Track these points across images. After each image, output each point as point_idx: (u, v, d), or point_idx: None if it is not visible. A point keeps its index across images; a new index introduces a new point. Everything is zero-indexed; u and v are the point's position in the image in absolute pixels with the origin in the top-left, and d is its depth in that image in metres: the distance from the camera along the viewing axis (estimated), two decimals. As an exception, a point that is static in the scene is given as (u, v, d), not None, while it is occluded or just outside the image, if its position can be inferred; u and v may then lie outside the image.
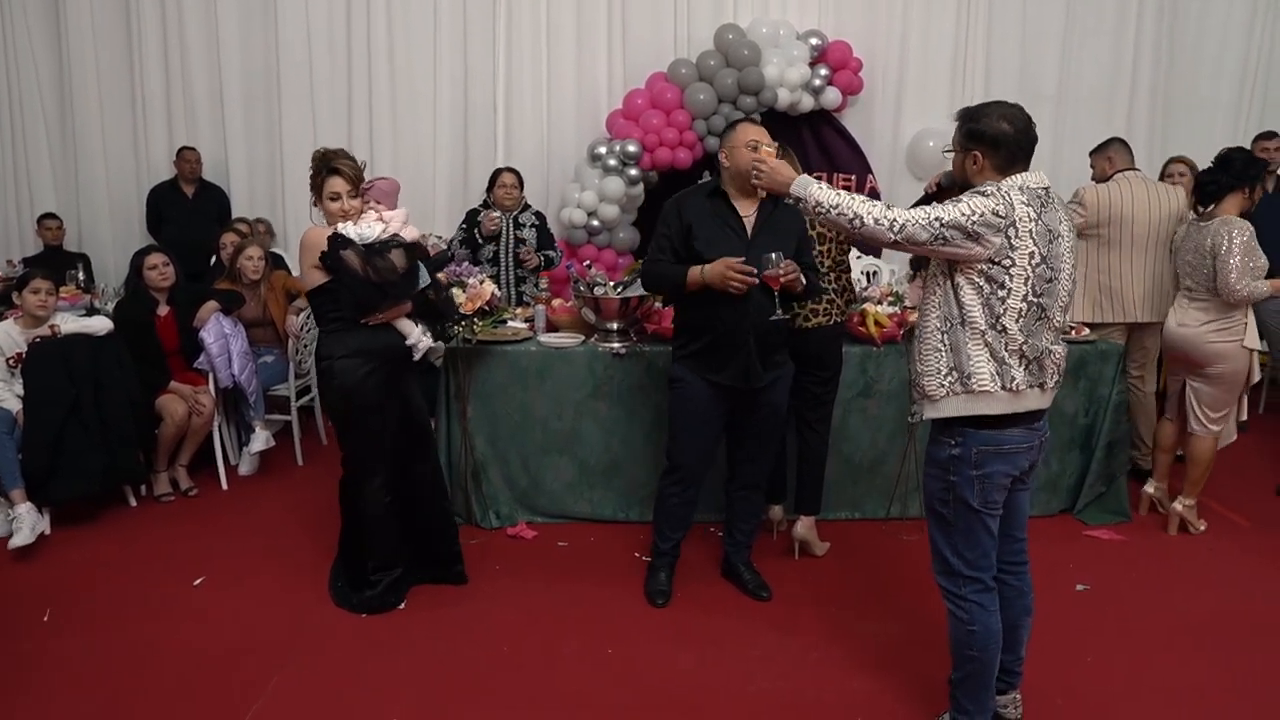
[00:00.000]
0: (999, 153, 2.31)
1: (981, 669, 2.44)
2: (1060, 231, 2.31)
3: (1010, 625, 2.51)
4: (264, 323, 4.91)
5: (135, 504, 4.31)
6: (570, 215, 6.28)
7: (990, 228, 2.22)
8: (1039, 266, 2.26)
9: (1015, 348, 2.28)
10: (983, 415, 2.31)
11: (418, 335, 3.30)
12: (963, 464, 2.35)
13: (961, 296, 2.31)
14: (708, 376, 3.17)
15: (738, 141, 3.09)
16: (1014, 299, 2.26)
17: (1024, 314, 2.27)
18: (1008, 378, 2.28)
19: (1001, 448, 2.33)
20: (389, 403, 3.28)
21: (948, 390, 2.34)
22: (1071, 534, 4.02)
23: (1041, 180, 2.32)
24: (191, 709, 2.73)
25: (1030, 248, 2.24)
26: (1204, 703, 2.80)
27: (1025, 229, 2.24)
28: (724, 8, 6.61)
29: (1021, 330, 2.28)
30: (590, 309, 3.96)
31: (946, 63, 6.75)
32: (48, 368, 3.96)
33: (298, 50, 6.53)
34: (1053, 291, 2.30)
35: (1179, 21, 6.75)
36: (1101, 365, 4.09)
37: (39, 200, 6.71)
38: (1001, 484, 2.37)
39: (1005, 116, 2.31)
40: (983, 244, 2.23)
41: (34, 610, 3.30)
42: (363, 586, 3.35)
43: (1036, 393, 2.34)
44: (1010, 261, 2.24)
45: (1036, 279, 2.27)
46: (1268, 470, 4.82)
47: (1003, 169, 2.32)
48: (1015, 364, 2.29)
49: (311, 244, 3.15)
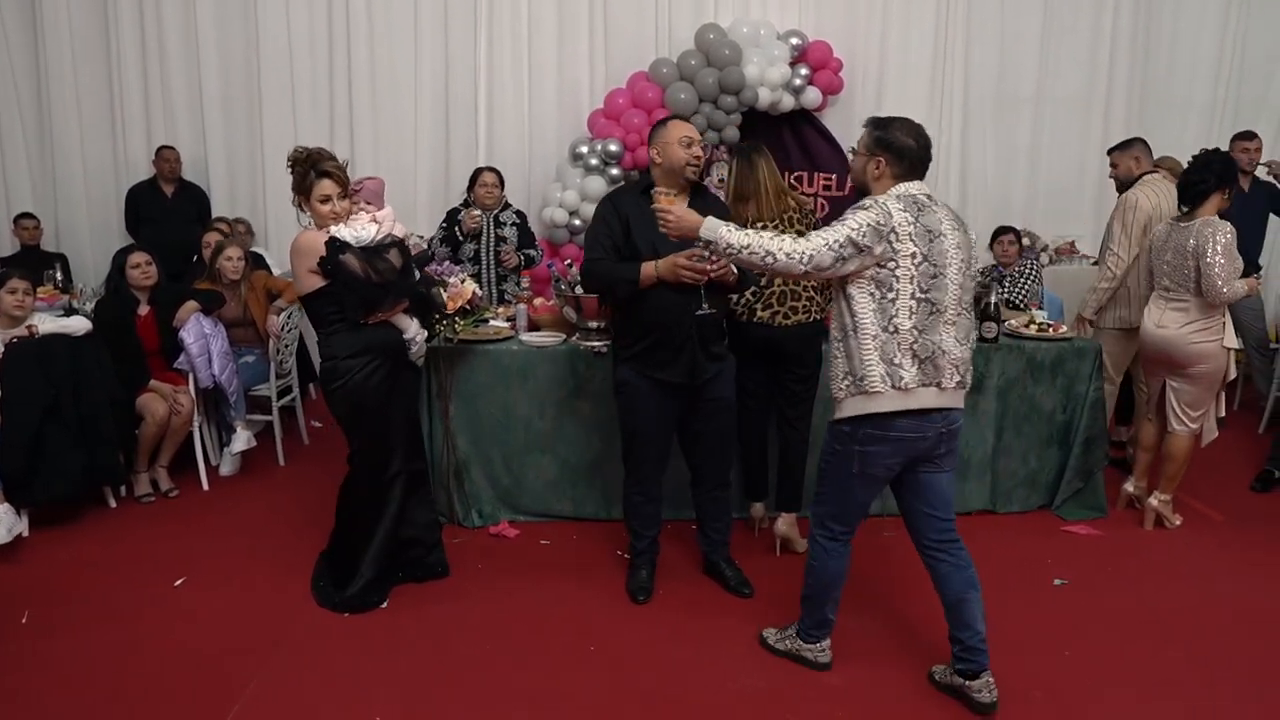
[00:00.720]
0: (900, 163, 2.57)
1: (815, 595, 2.87)
2: (941, 231, 2.51)
3: (956, 600, 2.73)
4: (245, 323, 4.89)
5: (115, 505, 4.28)
6: (552, 214, 6.28)
7: (874, 238, 2.45)
8: (922, 265, 2.48)
9: (907, 347, 2.49)
10: (876, 414, 2.54)
11: (415, 329, 3.38)
12: (850, 439, 2.63)
13: (854, 306, 2.54)
14: (654, 375, 3.20)
15: (671, 138, 3.14)
16: (903, 298, 2.48)
17: (915, 311, 2.49)
18: (896, 377, 2.50)
19: (887, 434, 2.56)
20: (394, 398, 3.32)
21: (846, 393, 2.60)
22: (1049, 529, 4.06)
23: (922, 188, 2.57)
24: (172, 710, 2.72)
25: (911, 249, 2.46)
26: (1181, 695, 2.84)
27: (904, 232, 2.46)
28: (705, 7, 6.62)
29: (915, 327, 2.49)
30: (572, 308, 3.97)
31: (926, 63, 6.79)
32: (25, 368, 3.92)
33: (278, 49, 6.50)
34: (940, 286, 2.50)
35: (1154, 22, 6.82)
36: (1079, 363, 4.13)
37: (15, 200, 6.63)
38: (884, 463, 2.62)
39: (911, 132, 2.58)
40: (871, 255, 2.47)
41: (12, 612, 3.28)
42: (345, 585, 3.35)
43: (933, 392, 2.53)
44: (895, 264, 2.47)
45: (921, 276, 2.48)
46: (1242, 466, 4.88)
47: (899, 178, 2.57)
48: (907, 364, 2.50)
49: (307, 249, 3.14)
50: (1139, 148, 4.69)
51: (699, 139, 3.17)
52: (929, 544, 2.75)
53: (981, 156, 6.97)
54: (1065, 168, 7.00)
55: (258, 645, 3.07)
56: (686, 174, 3.15)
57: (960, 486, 4.14)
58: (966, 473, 4.16)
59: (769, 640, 3.06)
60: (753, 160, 3.57)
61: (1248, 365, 5.64)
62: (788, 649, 2.99)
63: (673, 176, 3.15)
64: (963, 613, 2.72)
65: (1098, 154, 6.85)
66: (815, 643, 2.93)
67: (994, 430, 4.15)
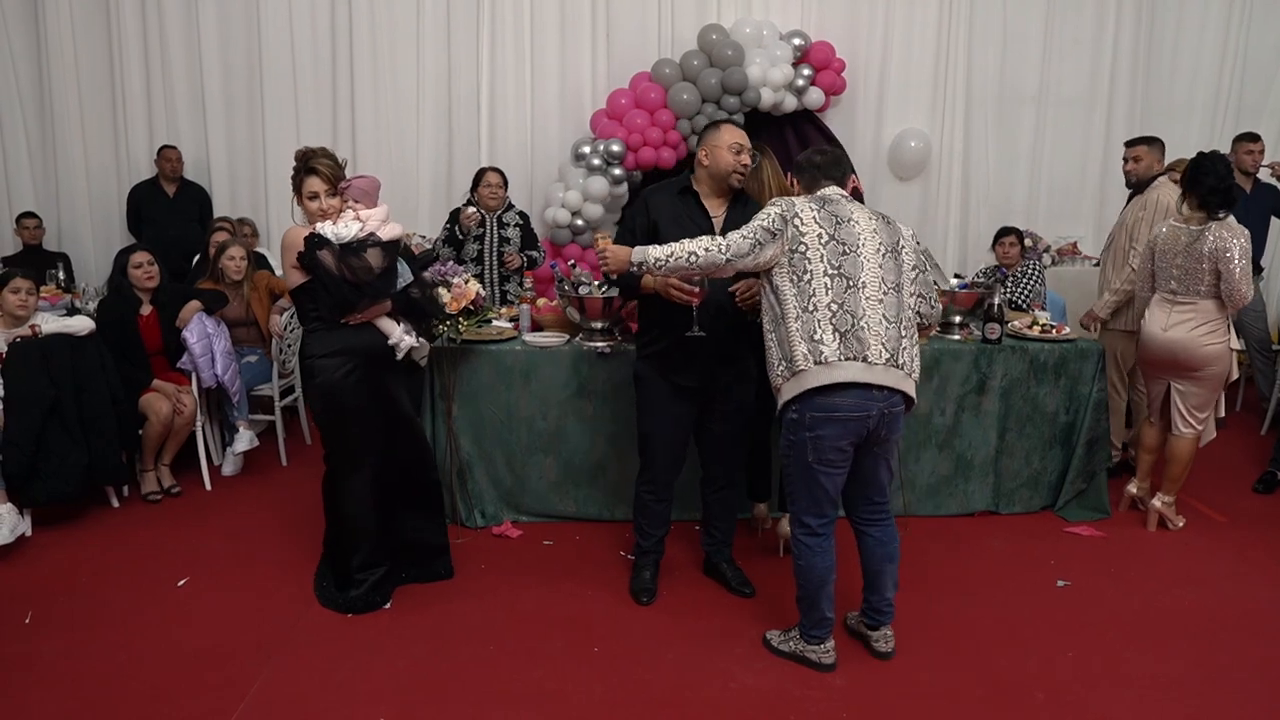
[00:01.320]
0: (803, 176, 2.95)
1: (807, 594, 2.90)
2: (852, 218, 2.75)
3: (873, 570, 2.97)
4: (247, 322, 4.89)
5: (117, 504, 4.29)
6: (554, 215, 6.28)
7: (779, 222, 2.72)
8: (829, 243, 2.70)
9: (827, 321, 2.66)
10: (806, 391, 2.67)
11: (399, 334, 3.30)
12: (800, 427, 2.73)
13: (779, 294, 2.73)
14: (670, 377, 3.21)
15: (722, 142, 3.12)
16: (817, 276, 2.68)
17: (830, 286, 2.67)
18: (818, 353, 2.65)
19: (833, 414, 2.67)
20: (372, 402, 3.27)
21: (781, 378, 2.75)
22: (1052, 530, 4.06)
23: (836, 191, 2.86)
24: (176, 710, 2.72)
25: (817, 230, 2.70)
26: (1184, 696, 2.83)
27: (808, 217, 2.72)
28: (707, 8, 6.63)
29: (833, 302, 2.66)
30: (575, 308, 3.97)
31: (928, 63, 6.80)
32: (28, 368, 3.92)
33: (280, 49, 6.50)
34: (853, 263, 2.69)
35: (1157, 23, 6.83)
36: (1081, 364, 4.13)
37: (18, 199, 6.64)
38: (835, 445, 2.72)
39: (816, 153, 2.98)
40: (782, 238, 2.71)
41: (15, 612, 3.28)
42: (348, 586, 3.35)
43: (859, 366, 2.64)
44: (805, 246, 2.69)
45: (830, 254, 2.69)
46: (1245, 468, 4.88)
47: (809, 188, 2.92)
48: (828, 338, 2.65)
49: (290, 244, 3.17)
50: (1159, 148, 4.60)
51: (749, 147, 3.16)
52: (860, 519, 2.97)
53: (983, 157, 6.97)
54: (1067, 168, 7.00)
55: (261, 645, 3.07)
56: (732, 180, 3.14)
57: (963, 487, 4.16)
58: (969, 473, 4.16)
59: (772, 642, 3.07)
60: (758, 162, 3.57)
61: (1249, 367, 5.65)
62: (791, 650, 3.00)
63: (717, 180, 3.15)
64: (878, 581, 2.97)
65: (1100, 155, 6.89)
66: (819, 644, 2.94)
67: (997, 431, 4.15)
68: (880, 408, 2.68)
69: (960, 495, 4.19)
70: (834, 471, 2.77)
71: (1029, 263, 5.43)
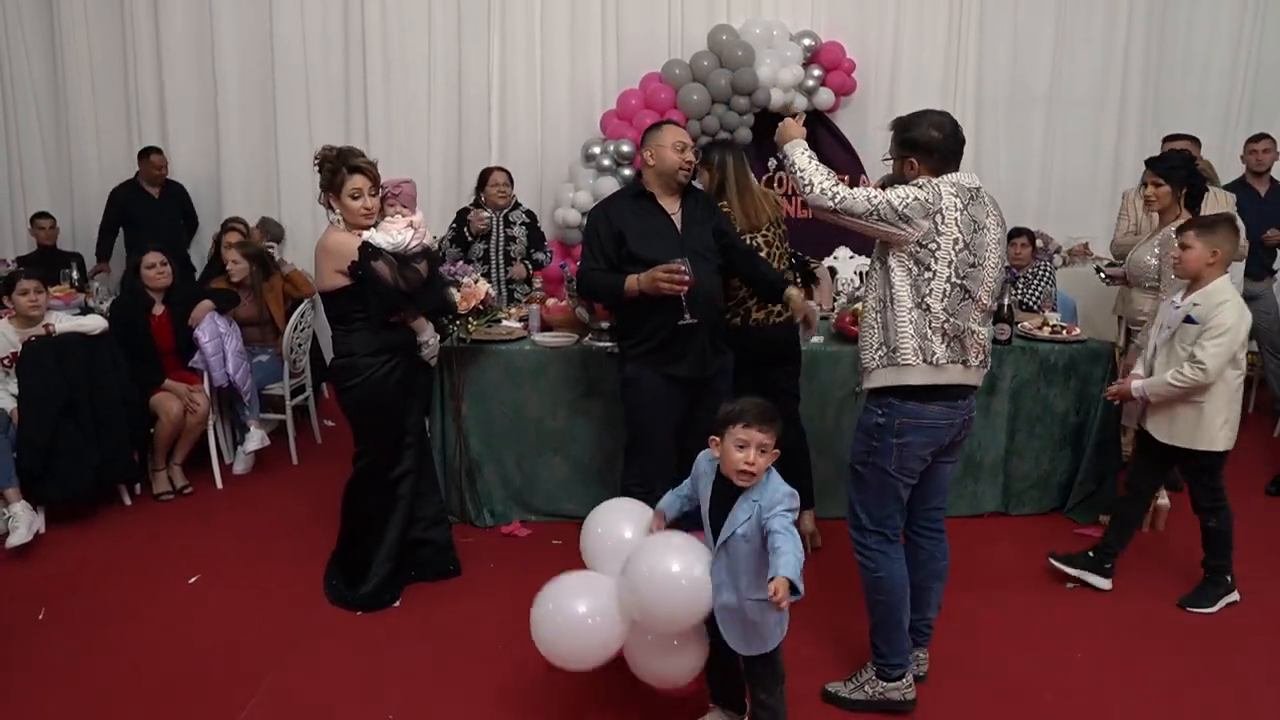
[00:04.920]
0: (931, 158, 2.58)
1: (889, 612, 2.68)
2: (986, 224, 2.55)
3: (920, 586, 2.77)
4: (259, 322, 4.92)
5: (130, 502, 4.32)
6: (564, 215, 6.29)
7: (919, 212, 2.47)
8: (962, 252, 2.50)
9: (939, 325, 2.51)
10: (906, 385, 2.54)
11: (430, 333, 3.41)
12: (886, 432, 2.59)
13: (893, 278, 2.54)
14: (665, 371, 3.25)
15: (665, 142, 3.22)
16: (938, 280, 2.50)
17: (948, 294, 2.51)
18: (929, 352, 2.52)
19: (921, 421, 2.57)
20: (409, 398, 3.35)
21: (878, 363, 2.59)
22: (1062, 532, 4.04)
23: (973, 180, 2.57)
24: (187, 706, 2.75)
25: (955, 234, 2.49)
26: (1194, 699, 2.83)
27: (950, 217, 2.49)
28: (717, 8, 6.62)
29: (946, 309, 2.51)
30: (584, 308, 3.98)
31: (939, 63, 6.77)
32: (42, 367, 3.96)
33: (293, 50, 6.53)
34: (976, 277, 2.53)
35: (1168, 21, 6.77)
36: (1091, 365, 4.12)
37: (32, 199, 6.68)
38: (919, 454, 2.61)
39: (935, 125, 2.57)
40: (912, 226, 2.48)
41: (29, 609, 3.31)
42: (358, 584, 3.36)
43: (959, 369, 2.56)
44: (936, 245, 2.49)
45: (960, 263, 2.50)
46: (1257, 469, 4.85)
47: (936, 171, 2.57)
48: (937, 340, 2.52)
49: (336, 250, 3.13)
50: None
51: (691, 144, 3.28)
52: (917, 527, 2.81)
53: (994, 157, 6.93)
54: (1078, 169, 6.96)
55: (271, 643, 3.09)
56: (679, 178, 3.25)
57: (973, 488, 4.15)
58: (979, 474, 4.15)
59: (841, 694, 2.77)
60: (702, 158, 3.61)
61: (1262, 369, 5.61)
62: (869, 696, 2.73)
63: (665, 179, 3.24)
64: (921, 598, 2.79)
65: (1111, 155, 6.85)
66: (900, 679, 2.72)
67: (1006, 432, 4.14)
68: (963, 415, 2.63)
69: (969, 496, 4.18)
70: (912, 482, 2.66)
71: (1040, 263, 5.42)
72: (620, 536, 2.61)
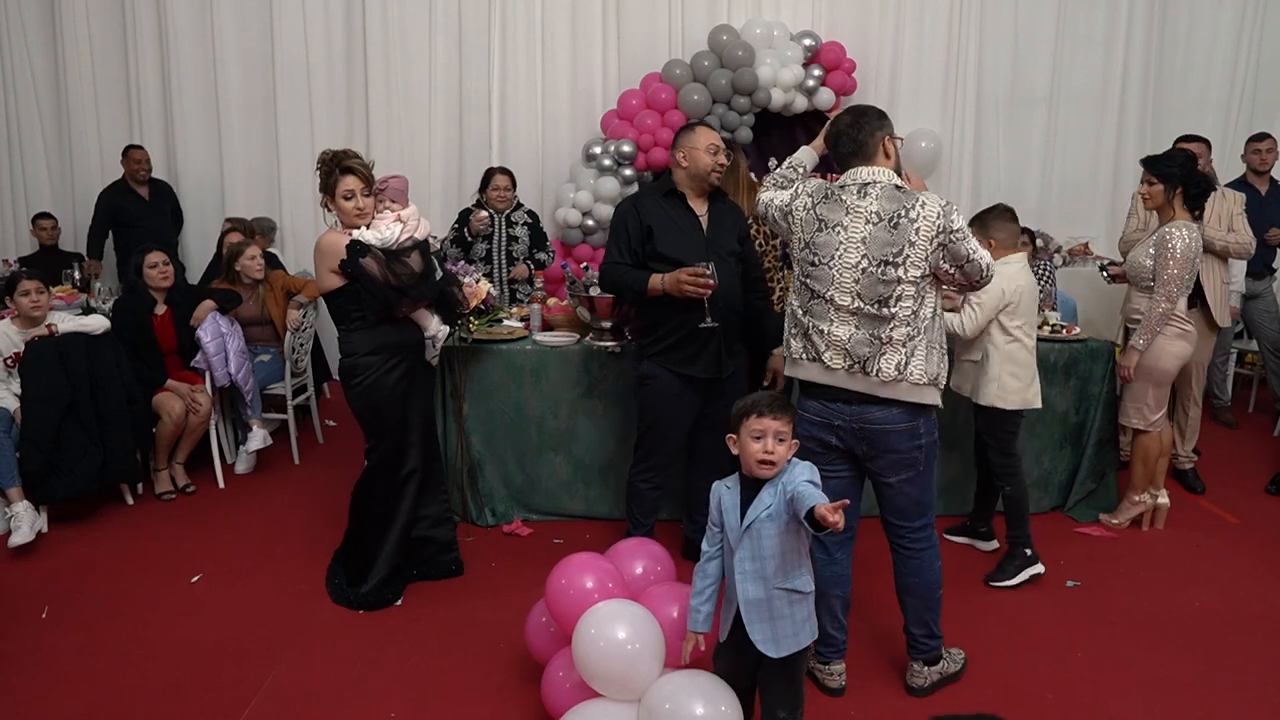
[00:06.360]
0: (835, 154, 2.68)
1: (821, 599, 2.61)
2: (842, 223, 2.53)
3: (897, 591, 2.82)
4: (261, 321, 4.92)
5: (132, 502, 4.32)
6: (565, 215, 6.30)
7: (778, 214, 2.69)
8: (803, 251, 2.60)
9: (795, 321, 2.65)
10: (794, 379, 2.72)
11: (436, 326, 3.43)
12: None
13: None
14: (680, 370, 3.28)
15: (699, 144, 3.23)
16: (796, 278, 2.66)
17: (799, 292, 2.64)
18: (789, 345, 2.69)
19: (802, 412, 2.66)
20: (412, 397, 3.35)
21: None
22: (1062, 531, 4.05)
23: (858, 178, 2.56)
24: (189, 705, 2.75)
25: (798, 233, 2.62)
26: (1194, 698, 2.83)
27: (798, 217, 2.62)
28: (718, 9, 6.64)
29: (800, 306, 2.63)
30: (585, 308, 3.99)
31: (939, 63, 6.78)
32: (45, 367, 3.97)
33: (294, 51, 6.53)
34: (820, 276, 2.56)
35: (1169, 20, 6.79)
36: (1091, 364, 4.13)
37: (34, 200, 6.70)
38: (809, 447, 2.60)
39: (835, 121, 2.68)
40: (776, 226, 2.72)
41: (32, 607, 3.32)
42: (360, 582, 3.37)
43: (817, 368, 2.60)
44: (791, 245, 2.67)
45: (802, 261, 2.61)
46: (1257, 469, 4.86)
47: (841, 169, 2.66)
48: (796, 335, 2.65)
49: (329, 250, 3.17)
50: None
51: (724, 147, 3.29)
52: (890, 541, 2.80)
53: (994, 157, 6.95)
54: (1079, 169, 6.97)
55: (273, 641, 3.10)
56: (711, 179, 3.27)
57: (972, 488, 4.14)
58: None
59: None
60: (733, 160, 3.66)
61: (1263, 368, 5.62)
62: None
63: (696, 181, 3.27)
64: (902, 604, 2.82)
65: (1112, 155, 6.86)
66: (824, 664, 2.82)
67: (1007, 431, 4.14)
68: (844, 419, 2.59)
69: (969, 495, 4.18)
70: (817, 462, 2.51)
71: (1040, 263, 5.42)
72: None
